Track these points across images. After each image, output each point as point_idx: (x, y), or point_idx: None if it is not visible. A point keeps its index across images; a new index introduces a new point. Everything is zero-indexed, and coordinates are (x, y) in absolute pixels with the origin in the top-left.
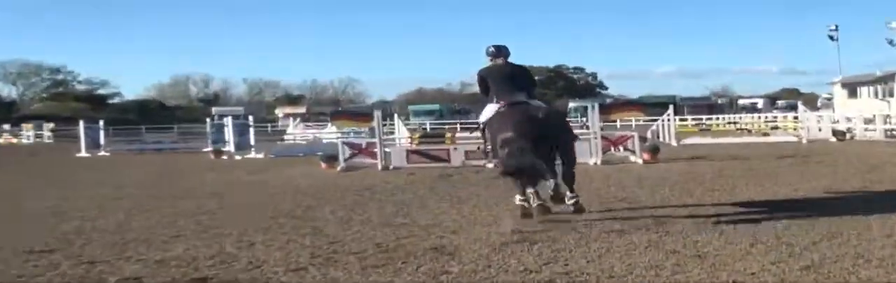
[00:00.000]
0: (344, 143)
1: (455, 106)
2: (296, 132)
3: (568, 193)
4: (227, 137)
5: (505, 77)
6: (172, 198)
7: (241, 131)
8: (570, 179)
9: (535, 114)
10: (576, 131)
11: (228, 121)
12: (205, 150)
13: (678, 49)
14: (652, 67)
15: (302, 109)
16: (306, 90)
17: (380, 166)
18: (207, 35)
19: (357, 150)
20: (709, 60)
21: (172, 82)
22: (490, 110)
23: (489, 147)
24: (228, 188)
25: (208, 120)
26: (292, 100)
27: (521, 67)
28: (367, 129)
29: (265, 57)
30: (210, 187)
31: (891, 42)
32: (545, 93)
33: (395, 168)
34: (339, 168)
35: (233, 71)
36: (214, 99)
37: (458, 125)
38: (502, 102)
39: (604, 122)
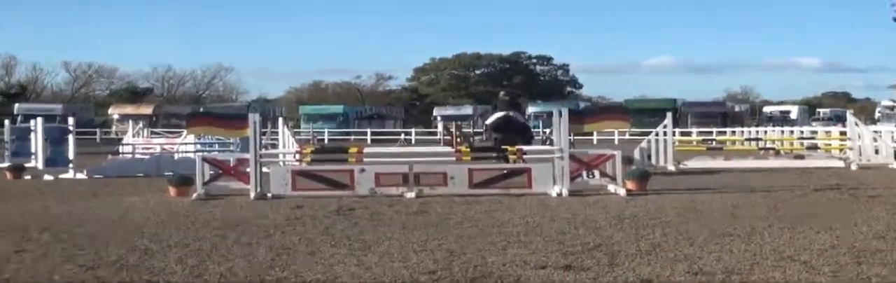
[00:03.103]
0: (204, 159)
1: (366, 109)
2: (136, 142)
3: None
4: (33, 148)
5: (508, 104)
6: None
7: (55, 140)
8: None
9: (512, 122)
10: (534, 148)
11: (38, 124)
12: None
13: (678, 34)
14: (641, 59)
15: (148, 110)
16: (156, 81)
17: (253, 194)
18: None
19: (222, 169)
20: (721, 49)
21: None
22: (497, 116)
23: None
24: (30, 224)
25: (7, 122)
26: (136, 95)
27: (515, 100)
28: (237, 139)
29: (97, 33)
30: (2, 222)
31: None
32: (495, 92)
33: (275, 197)
34: (194, 196)
35: (49, 52)
36: (20, 92)
37: (368, 136)
38: (501, 115)
39: (575, 135)
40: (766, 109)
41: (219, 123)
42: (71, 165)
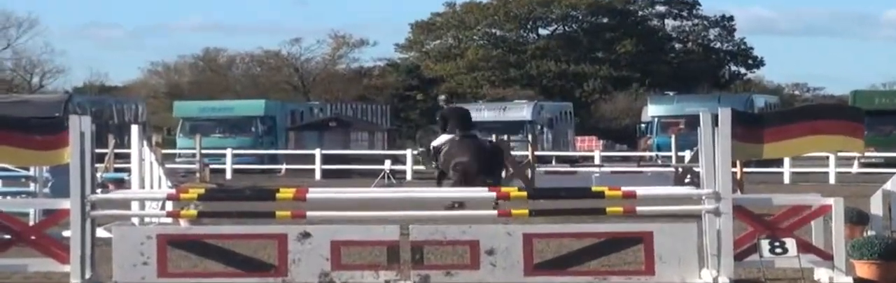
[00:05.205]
0: None
1: (311, 108)
2: None
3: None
4: None
5: (462, 118)
6: None
7: None
8: None
9: (481, 146)
10: (657, 191)
11: None
12: None
13: None
14: (880, 5)
15: None
16: None
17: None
18: None
19: (12, 233)
20: None
21: None
22: (446, 138)
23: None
24: None
25: None
26: None
27: (469, 112)
28: (44, 169)
29: None
30: None
31: None
32: (581, 74)
33: None
34: None
35: None
36: None
37: (318, 164)
38: (457, 134)
39: (746, 164)
40: None
41: (5, 137)
42: None
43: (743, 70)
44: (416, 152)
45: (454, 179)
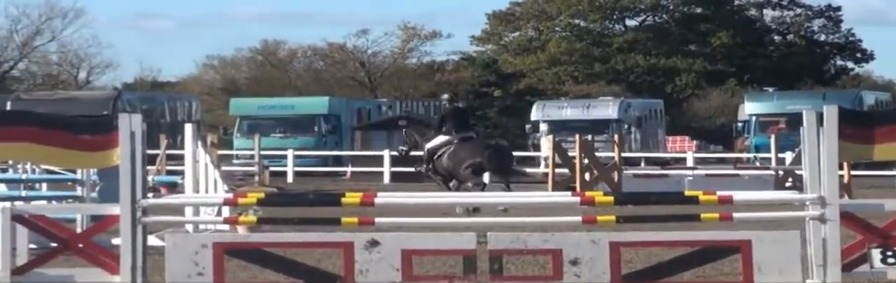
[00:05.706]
0: (16, 217)
1: (380, 106)
2: None
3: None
4: None
5: (460, 119)
6: None
7: None
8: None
9: (489, 144)
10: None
11: None
12: None
13: None
14: None
15: None
16: None
17: None
18: None
19: (59, 240)
20: None
21: None
22: (442, 139)
23: (428, 167)
24: None
25: None
26: None
27: (466, 110)
28: (91, 172)
29: None
30: None
31: None
32: (671, 70)
33: None
34: None
35: None
36: None
37: (386, 166)
38: (455, 136)
39: (854, 166)
40: None
41: (50, 137)
42: None
43: (850, 64)
44: (401, 153)
45: (469, 180)
